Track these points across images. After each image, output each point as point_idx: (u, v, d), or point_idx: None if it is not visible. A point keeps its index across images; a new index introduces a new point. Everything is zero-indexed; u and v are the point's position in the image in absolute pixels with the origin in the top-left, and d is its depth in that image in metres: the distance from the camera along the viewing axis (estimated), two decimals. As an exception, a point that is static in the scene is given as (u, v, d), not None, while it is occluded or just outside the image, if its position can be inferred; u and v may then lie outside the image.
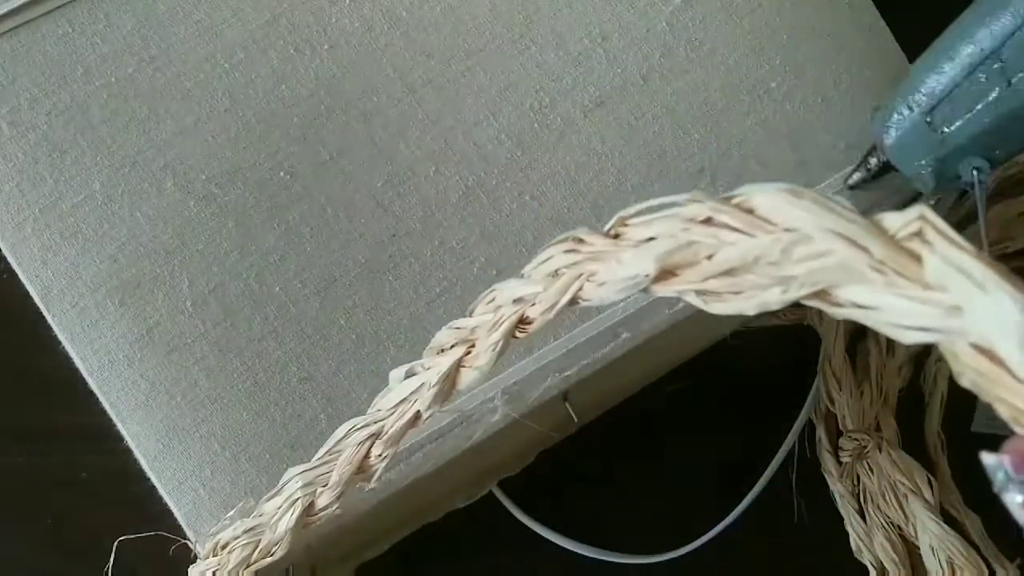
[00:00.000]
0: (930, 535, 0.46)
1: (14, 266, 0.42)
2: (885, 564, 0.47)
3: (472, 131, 0.46)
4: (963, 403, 0.52)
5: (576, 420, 0.46)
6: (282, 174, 0.44)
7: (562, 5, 0.47)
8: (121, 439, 0.42)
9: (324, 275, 0.43)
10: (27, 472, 0.48)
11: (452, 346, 0.32)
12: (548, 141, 0.46)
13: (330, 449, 0.35)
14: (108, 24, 0.44)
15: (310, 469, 0.35)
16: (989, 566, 0.46)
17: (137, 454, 0.41)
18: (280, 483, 0.37)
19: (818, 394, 0.51)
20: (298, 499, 0.36)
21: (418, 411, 0.33)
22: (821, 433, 0.51)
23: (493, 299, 0.31)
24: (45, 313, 0.42)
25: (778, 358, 0.52)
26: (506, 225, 0.45)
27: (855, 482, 0.49)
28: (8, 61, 0.43)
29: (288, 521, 0.36)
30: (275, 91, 0.45)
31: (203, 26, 0.45)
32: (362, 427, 0.34)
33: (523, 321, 0.30)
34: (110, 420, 0.42)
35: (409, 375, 0.33)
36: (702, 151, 0.47)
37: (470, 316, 0.32)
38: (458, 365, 0.32)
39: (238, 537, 0.38)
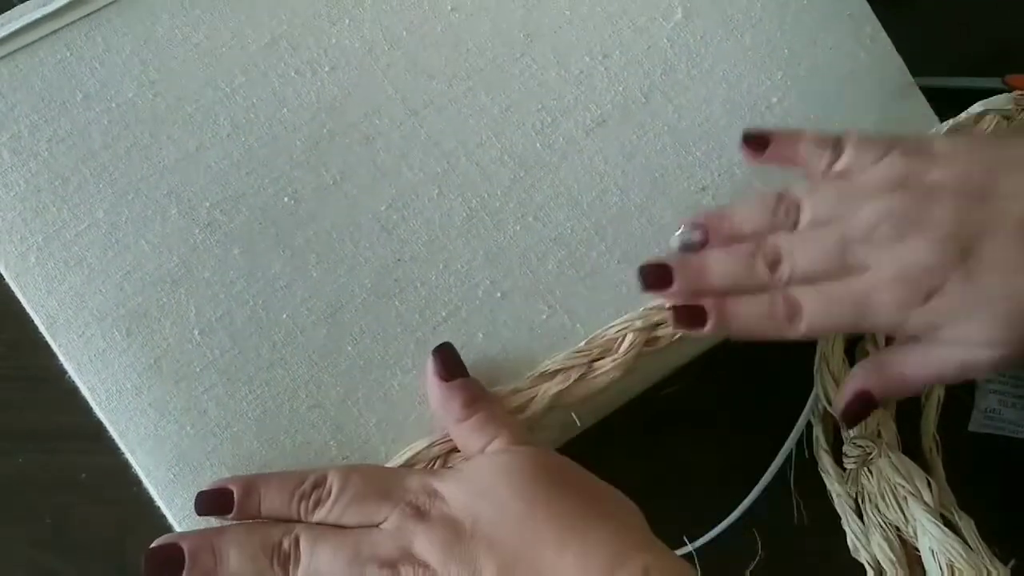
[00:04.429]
0: (930, 538, 0.46)
1: (19, 296, 0.42)
2: (882, 564, 0.48)
3: (475, 152, 0.46)
4: (958, 405, 0.53)
5: (578, 424, 0.46)
6: (286, 199, 0.44)
7: (563, 23, 0.47)
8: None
9: (331, 301, 0.43)
10: (27, 472, 0.49)
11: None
12: (551, 161, 0.46)
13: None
14: (107, 48, 0.44)
15: None
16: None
17: (147, 484, 0.41)
18: None
19: (818, 395, 0.51)
20: None
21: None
22: (819, 432, 0.51)
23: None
24: (51, 343, 0.42)
25: (778, 358, 0.53)
26: (510, 247, 0.45)
27: (855, 483, 0.50)
28: (7, 87, 0.43)
29: None
30: (277, 114, 0.44)
31: (202, 49, 0.44)
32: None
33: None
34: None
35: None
36: (704, 169, 0.47)
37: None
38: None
39: None
